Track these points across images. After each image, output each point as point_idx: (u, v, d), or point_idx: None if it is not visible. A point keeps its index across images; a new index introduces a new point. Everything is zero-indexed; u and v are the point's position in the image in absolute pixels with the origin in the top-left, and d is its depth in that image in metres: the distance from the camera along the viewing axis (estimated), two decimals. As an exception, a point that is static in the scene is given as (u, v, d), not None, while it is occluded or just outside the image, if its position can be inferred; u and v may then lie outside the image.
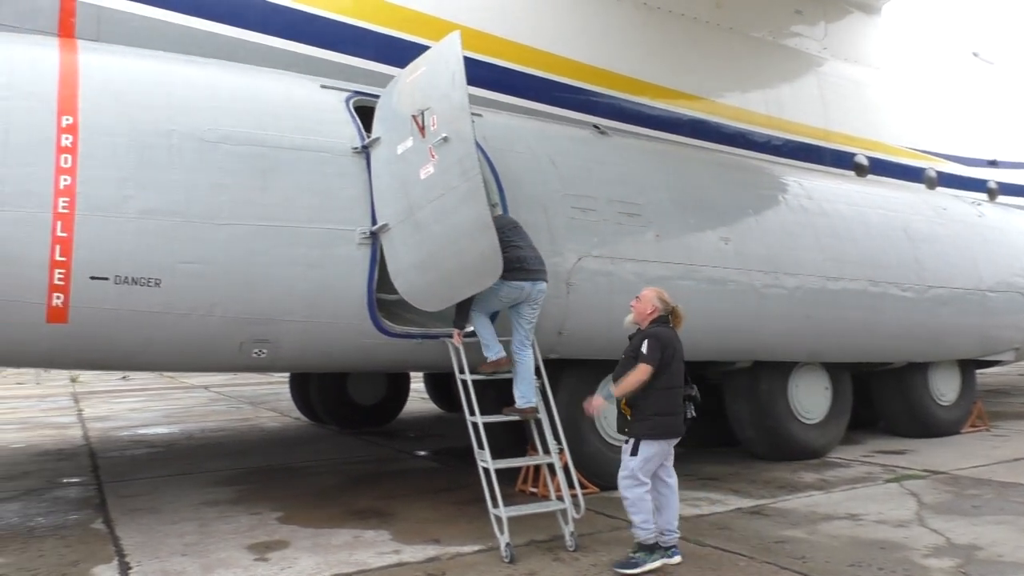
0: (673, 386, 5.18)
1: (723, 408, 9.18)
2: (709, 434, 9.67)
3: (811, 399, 9.18)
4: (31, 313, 4.98)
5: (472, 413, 5.79)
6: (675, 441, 5.26)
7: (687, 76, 9.48)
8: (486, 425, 5.74)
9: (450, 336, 6.14)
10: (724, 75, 9.87)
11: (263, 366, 6.09)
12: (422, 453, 9.93)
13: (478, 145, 5.98)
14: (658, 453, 5.14)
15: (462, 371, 5.97)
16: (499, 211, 6.55)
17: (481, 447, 5.69)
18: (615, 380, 5.28)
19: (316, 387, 12.15)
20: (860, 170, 11.02)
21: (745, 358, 8.45)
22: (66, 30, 6.07)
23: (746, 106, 10.01)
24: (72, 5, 6.12)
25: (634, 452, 5.11)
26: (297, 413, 13.38)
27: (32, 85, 5.19)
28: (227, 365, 6.05)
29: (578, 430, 7.07)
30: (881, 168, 11.30)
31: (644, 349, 5.14)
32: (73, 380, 22.85)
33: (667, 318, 5.44)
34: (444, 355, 6.21)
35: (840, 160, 10.85)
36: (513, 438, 6.66)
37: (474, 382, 5.91)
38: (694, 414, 5.30)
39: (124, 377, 22.78)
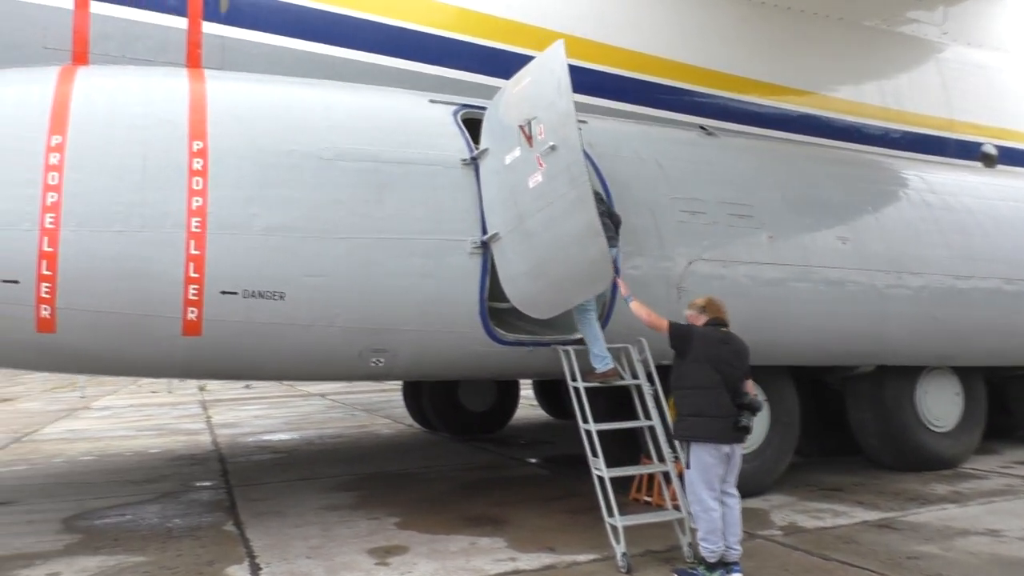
0: (703, 386, 5.02)
1: (844, 415, 8.82)
2: (829, 442, 9.32)
3: (941, 406, 8.71)
4: (168, 327, 5.31)
5: (585, 420, 5.78)
6: (728, 449, 4.99)
7: (795, 71, 9.19)
8: (599, 432, 5.72)
9: (562, 344, 6.15)
10: (835, 68, 9.52)
11: (380, 374, 6.27)
12: (533, 460, 9.98)
13: (585, 152, 5.99)
14: (713, 462, 4.94)
15: (574, 378, 5.98)
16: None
17: (595, 455, 5.67)
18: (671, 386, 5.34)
19: (428, 395, 12.40)
20: (988, 160, 10.39)
21: (867, 362, 8.10)
22: (193, 61, 6.46)
23: (860, 99, 9.61)
24: (198, 37, 6.50)
25: (688, 464, 5.01)
26: (410, 420, 13.69)
27: (166, 113, 5.54)
28: (347, 374, 6.26)
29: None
30: (1012, 157, 10.62)
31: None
32: (201, 388, 24.13)
33: (718, 321, 5.37)
34: (555, 363, 6.23)
35: (966, 151, 10.26)
36: (626, 446, 6.61)
37: (586, 389, 5.90)
38: (749, 423, 5.00)
39: (247, 386, 23.87)
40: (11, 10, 5.95)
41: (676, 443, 5.25)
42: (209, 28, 6.55)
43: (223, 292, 5.31)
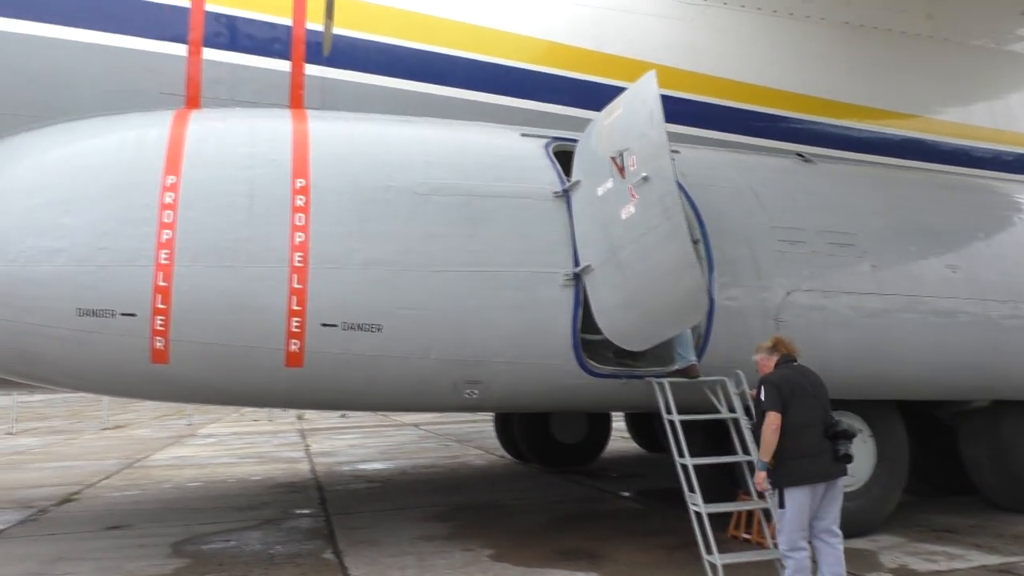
0: (800, 424, 4.80)
1: (957, 452, 8.35)
2: (941, 480, 8.84)
3: (1065, 443, 8.14)
4: (272, 358, 5.50)
5: (681, 455, 5.67)
6: (824, 487, 4.78)
7: (897, 94, 8.89)
8: (696, 467, 5.59)
9: (656, 376, 6.07)
10: (940, 89, 9.16)
11: (475, 406, 6.31)
12: (626, 494, 9.81)
13: (677, 182, 5.94)
14: (808, 503, 4.74)
15: (669, 411, 5.88)
16: (701, 248, 6.44)
17: (692, 490, 5.54)
18: (756, 442, 5.00)
19: (520, 426, 12.40)
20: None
21: (982, 396, 7.66)
22: (296, 102, 6.74)
23: (968, 120, 9.21)
24: (300, 79, 6.78)
25: (781, 504, 4.79)
26: (502, 451, 13.70)
27: (270, 153, 5.80)
28: (442, 405, 6.33)
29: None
30: None
31: (762, 397, 4.93)
32: (299, 417, 24.85)
33: (789, 357, 5.18)
34: (649, 395, 6.14)
35: (1086, 172, 9.67)
36: (724, 481, 6.43)
37: (682, 423, 5.79)
38: (847, 450, 4.78)
39: (343, 415, 24.43)
40: (131, 60, 6.35)
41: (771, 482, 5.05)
42: (311, 70, 6.83)
43: (323, 325, 5.48)
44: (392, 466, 12.79)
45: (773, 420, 4.79)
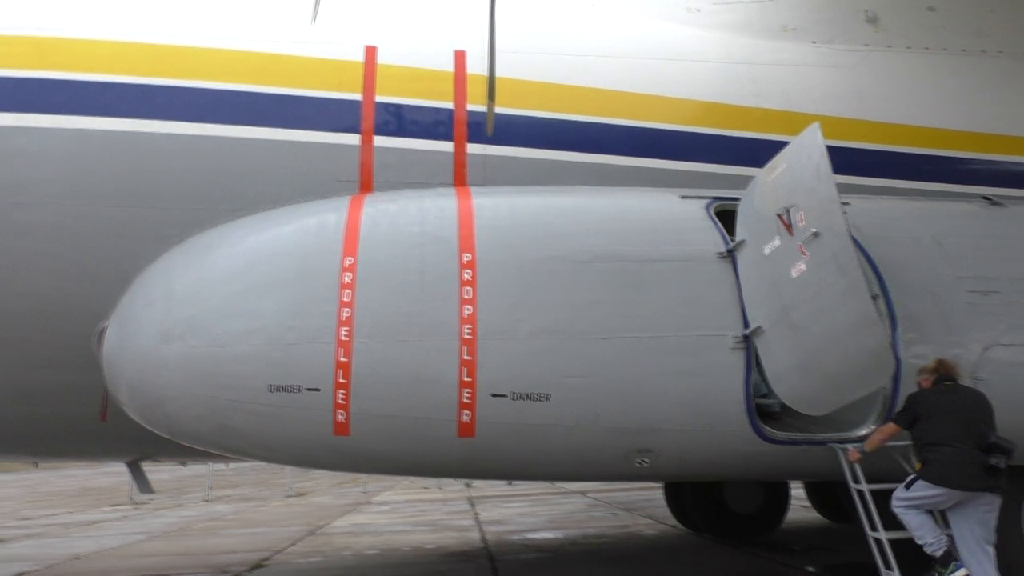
0: (936, 442, 5.29)
1: None
2: None
3: None
4: (445, 429, 5.65)
5: (873, 528, 5.27)
6: (963, 496, 5.19)
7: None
8: (891, 541, 5.16)
9: (839, 443, 5.70)
10: None
11: (646, 475, 6.18)
12: (811, 569, 9.15)
13: (851, 236, 5.66)
14: (935, 500, 5.26)
15: (856, 480, 5.50)
16: (881, 303, 6.07)
17: (888, 567, 5.12)
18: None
19: (691, 494, 11.95)
20: None
21: None
22: (460, 179, 7.04)
23: None
24: (463, 158, 7.10)
25: (908, 485, 5.37)
26: (673, 520, 13.23)
27: (438, 231, 6.06)
28: (613, 474, 6.25)
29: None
30: None
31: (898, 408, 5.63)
32: (468, 485, 25.19)
33: (947, 377, 5.59)
34: (832, 463, 5.77)
35: None
36: (922, 553, 5.88)
37: (872, 492, 5.39)
38: (999, 463, 5.14)
39: (510, 482, 24.55)
40: (311, 152, 6.89)
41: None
42: (473, 148, 7.13)
43: (493, 395, 5.58)
44: (562, 535, 12.64)
45: (887, 428, 5.59)
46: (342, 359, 5.55)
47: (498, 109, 6.90)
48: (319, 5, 5.62)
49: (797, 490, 13.96)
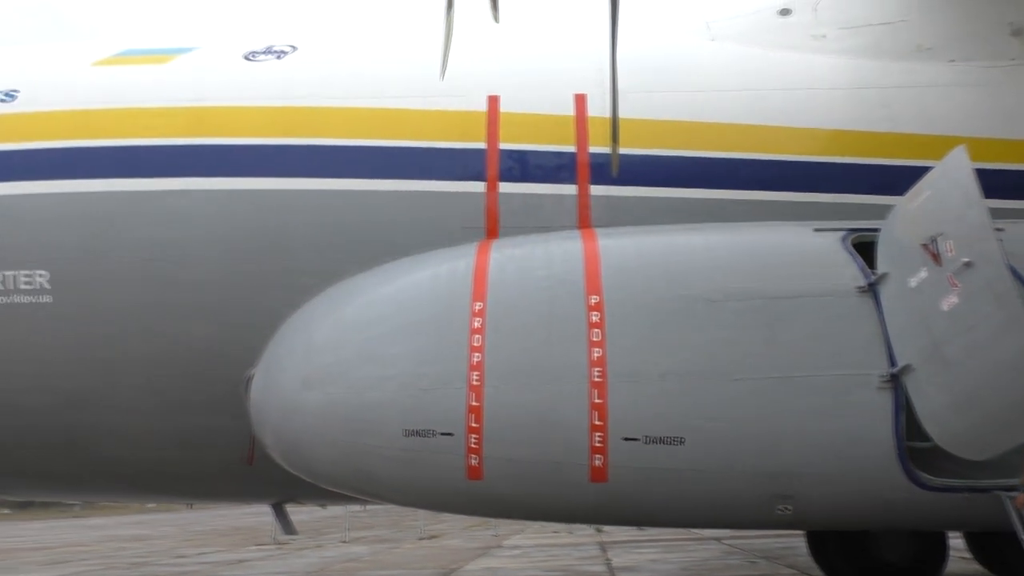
0: None
1: None
2: None
3: None
4: (576, 473, 5.60)
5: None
6: None
7: None
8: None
9: (1005, 489, 5.25)
10: None
11: (789, 523, 5.91)
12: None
13: (1008, 264, 5.27)
14: None
15: (1029, 531, 5.03)
16: None
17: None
18: None
19: (836, 542, 11.25)
20: None
21: None
22: (584, 221, 7.04)
23: None
24: (587, 200, 7.10)
25: None
26: (817, 571, 12.48)
27: (564, 273, 6.08)
28: (752, 522, 6.02)
29: None
30: None
31: None
32: (598, 530, 24.78)
33: None
34: (998, 511, 5.32)
35: None
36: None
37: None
38: None
39: (641, 528, 23.98)
40: (438, 201, 7.08)
41: None
42: (596, 190, 7.13)
43: (625, 439, 5.49)
44: (697, 584, 12.18)
45: None
46: (474, 403, 5.62)
47: (622, 149, 6.88)
48: (447, 61, 5.82)
49: (956, 540, 12.92)
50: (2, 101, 7.32)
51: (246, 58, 7.63)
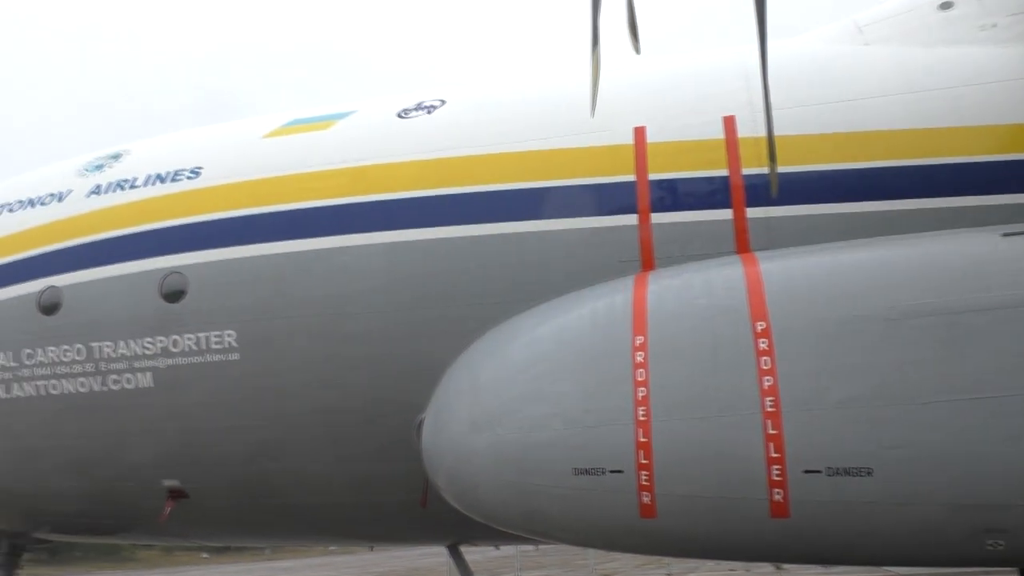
0: None
1: None
2: None
3: None
4: (755, 509, 5.34)
5: None
6: None
7: None
8: None
9: None
10: None
11: (1001, 559, 5.36)
12: None
13: None
14: None
15: None
16: None
17: None
18: None
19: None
20: None
21: None
22: (743, 246, 6.80)
23: None
24: (744, 224, 6.87)
25: None
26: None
27: (727, 301, 5.89)
28: (957, 559, 5.51)
29: None
30: None
31: None
32: (777, 568, 23.52)
33: None
34: None
35: None
36: None
37: None
38: None
39: (826, 567, 22.56)
40: (592, 236, 7.06)
41: None
42: (752, 212, 6.89)
43: (806, 471, 5.21)
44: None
45: None
46: (642, 439, 5.51)
47: (778, 168, 6.63)
48: (596, 98, 5.85)
49: None
50: (188, 178, 8.06)
51: (399, 116, 8.01)
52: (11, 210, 8.66)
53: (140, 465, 7.92)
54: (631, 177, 7.11)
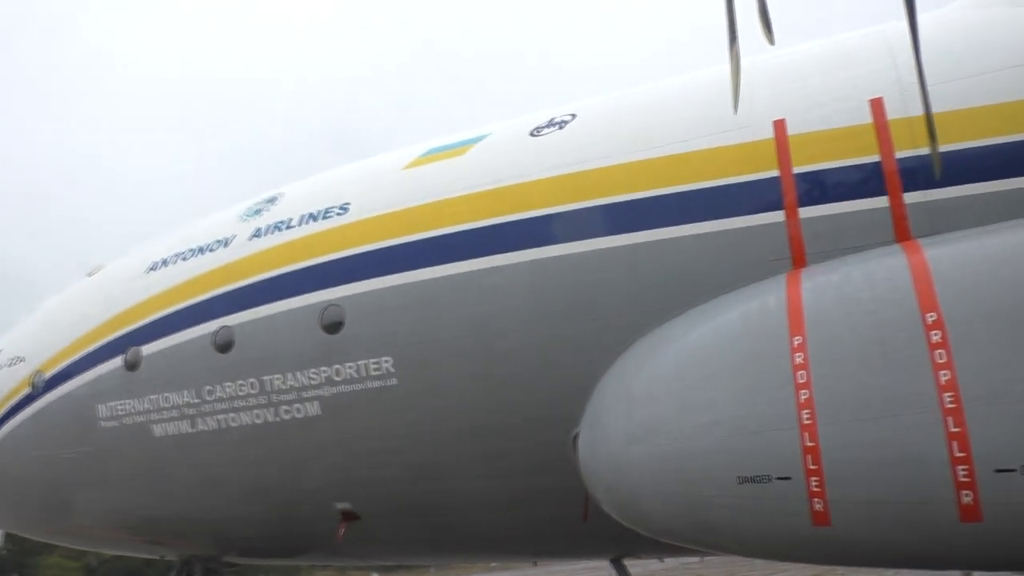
0: None
1: None
2: None
3: None
4: (942, 513, 4.99)
5: None
6: None
7: None
8: None
9: None
10: None
11: None
12: None
13: None
14: None
15: None
16: None
17: None
18: None
19: None
20: None
21: None
22: (902, 234, 6.39)
23: None
24: (902, 210, 6.45)
25: None
26: None
27: (893, 292, 5.55)
28: None
29: None
30: None
31: None
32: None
33: None
34: None
35: None
36: None
37: None
38: None
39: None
40: (738, 236, 6.82)
41: None
42: (910, 198, 6.47)
43: (998, 471, 4.81)
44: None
45: None
46: (808, 444, 5.27)
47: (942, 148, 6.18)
48: (738, 94, 5.67)
49: None
50: (338, 214, 8.47)
51: (531, 134, 8.10)
52: (184, 258, 9.40)
53: (314, 489, 8.35)
54: (774, 172, 6.86)
